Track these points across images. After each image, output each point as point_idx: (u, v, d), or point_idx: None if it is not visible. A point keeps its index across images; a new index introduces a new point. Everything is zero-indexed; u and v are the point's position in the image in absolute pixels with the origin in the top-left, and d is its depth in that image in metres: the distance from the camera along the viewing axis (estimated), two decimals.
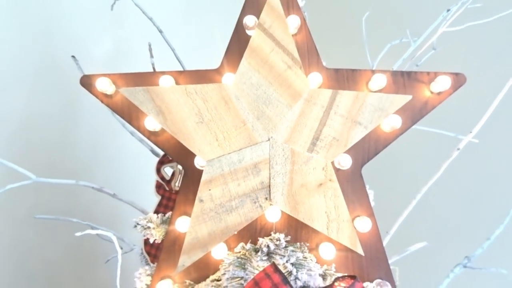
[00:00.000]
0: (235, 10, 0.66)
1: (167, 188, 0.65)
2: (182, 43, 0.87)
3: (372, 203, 0.62)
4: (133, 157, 0.89)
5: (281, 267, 0.51)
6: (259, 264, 0.52)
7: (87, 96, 0.79)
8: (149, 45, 0.78)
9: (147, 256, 0.63)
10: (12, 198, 0.78)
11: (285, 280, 0.46)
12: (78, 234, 0.53)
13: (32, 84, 0.96)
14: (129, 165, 0.98)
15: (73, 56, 0.87)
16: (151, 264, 0.61)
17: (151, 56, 0.79)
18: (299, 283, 0.51)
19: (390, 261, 0.59)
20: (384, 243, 0.65)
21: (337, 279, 0.50)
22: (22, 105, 0.93)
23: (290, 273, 0.51)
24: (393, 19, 0.97)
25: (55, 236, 0.97)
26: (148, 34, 0.83)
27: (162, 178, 0.65)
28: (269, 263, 0.50)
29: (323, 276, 0.53)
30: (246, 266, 0.53)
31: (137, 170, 0.90)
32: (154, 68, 0.78)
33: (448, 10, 0.74)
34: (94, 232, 0.53)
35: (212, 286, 0.53)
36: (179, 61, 0.76)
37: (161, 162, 0.66)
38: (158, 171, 0.66)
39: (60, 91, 1.00)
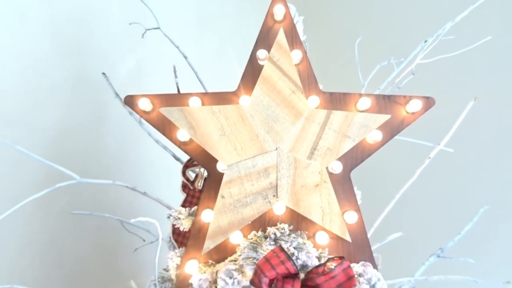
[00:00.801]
0: (245, 26, 0.80)
1: (191, 188, 0.78)
2: (196, 57, 1.01)
3: (359, 201, 0.76)
4: (156, 161, 1.03)
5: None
6: (268, 248, 0.66)
7: (114, 109, 0.92)
8: (174, 67, 0.92)
9: (175, 243, 0.76)
10: (50, 197, 0.91)
11: (289, 257, 0.60)
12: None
13: (67, 98, 1.10)
14: (152, 168, 1.12)
15: (103, 73, 1.01)
16: (178, 249, 0.75)
17: (176, 76, 0.93)
18: (299, 262, 0.65)
19: (373, 248, 0.73)
20: (369, 234, 0.78)
21: (329, 259, 0.64)
22: (60, 116, 1.08)
23: (293, 254, 0.65)
24: (381, 43, 1.11)
25: (86, 230, 1.11)
26: (167, 55, 0.97)
27: (187, 179, 0.79)
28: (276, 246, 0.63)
29: (319, 258, 0.67)
30: (257, 250, 0.66)
31: (160, 172, 1.03)
32: (178, 87, 0.92)
33: (425, 41, 0.89)
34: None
35: (230, 265, 0.66)
36: (201, 83, 0.90)
37: (186, 166, 0.80)
38: (184, 173, 0.80)
39: (91, 104, 1.15)
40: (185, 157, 0.88)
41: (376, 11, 1.41)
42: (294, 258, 0.64)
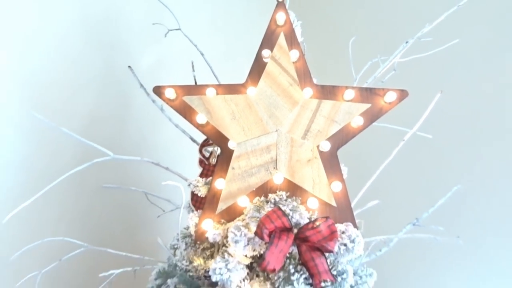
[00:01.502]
0: (252, 27, 0.95)
1: (206, 163, 0.95)
2: (210, 53, 1.17)
3: (345, 176, 0.92)
4: (175, 143, 1.19)
5: None
6: (268, 210, 0.82)
7: (138, 97, 1.08)
8: (192, 63, 1.08)
9: (193, 207, 0.93)
10: (84, 173, 1.06)
11: (285, 214, 0.76)
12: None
13: (99, 89, 1.27)
14: (172, 148, 1.28)
15: (129, 67, 1.18)
16: (196, 211, 0.92)
17: (193, 70, 1.10)
18: (294, 221, 0.81)
19: (355, 213, 0.89)
20: (353, 203, 0.94)
21: (316, 219, 0.80)
22: (93, 104, 1.25)
23: (288, 215, 0.81)
24: (371, 43, 1.26)
25: (114, 202, 1.28)
26: (183, 51, 1.13)
27: (203, 156, 0.96)
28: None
29: (309, 219, 0.83)
30: (260, 211, 0.83)
31: (179, 152, 1.20)
32: (195, 79, 1.09)
33: (406, 42, 1.04)
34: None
35: (238, 222, 0.83)
36: (215, 76, 1.06)
37: (202, 145, 0.97)
38: (200, 151, 0.96)
39: (118, 93, 1.31)
40: (200, 139, 1.05)
41: (368, 14, 1.58)
42: (289, 217, 0.80)
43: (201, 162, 0.96)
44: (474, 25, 1.32)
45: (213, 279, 0.79)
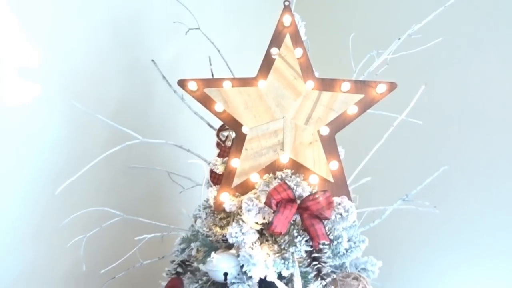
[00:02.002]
0: (262, 26, 1.09)
1: (223, 145, 1.10)
2: (224, 50, 1.31)
3: (342, 156, 1.06)
4: (194, 128, 1.34)
5: None
6: (276, 184, 0.98)
7: (160, 87, 1.24)
8: (209, 58, 1.23)
9: (211, 183, 1.09)
10: (113, 155, 1.22)
11: (290, 187, 0.92)
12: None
13: (125, 80, 1.43)
14: (191, 133, 1.43)
15: (152, 60, 1.33)
16: (214, 186, 1.07)
17: (210, 64, 1.25)
18: (297, 193, 0.96)
19: (350, 188, 1.04)
20: (349, 180, 1.10)
21: (316, 192, 0.95)
22: (120, 94, 1.41)
23: (292, 188, 0.96)
24: (370, 38, 1.39)
25: (139, 180, 1.45)
26: (199, 46, 1.27)
27: (220, 139, 1.11)
28: None
29: (310, 192, 0.99)
30: (269, 186, 0.98)
31: (197, 137, 1.35)
32: (212, 73, 1.24)
33: (398, 39, 1.17)
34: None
35: (250, 194, 0.98)
36: (230, 70, 1.21)
37: (219, 130, 1.12)
38: (218, 135, 1.12)
39: (142, 83, 1.47)
40: (216, 125, 1.20)
41: (366, 12, 1.73)
42: (293, 190, 0.96)
43: (218, 145, 1.12)
44: (458, 23, 1.45)
45: (230, 241, 0.95)
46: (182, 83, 1.04)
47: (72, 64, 1.31)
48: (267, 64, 1.02)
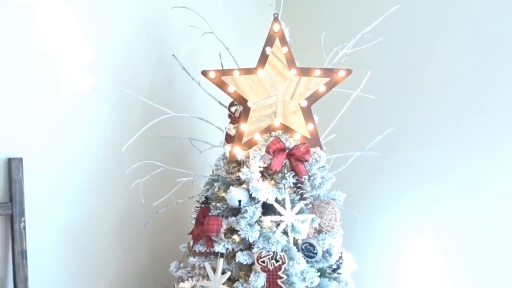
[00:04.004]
0: (260, 26, 1.56)
1: (233, 116, 1.57)
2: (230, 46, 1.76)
3: (316, 121, 1.54)
4: (206, 104, 1.80)
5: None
6: (272, 140, 1.45)
7: (180, 76, 1.70)
8: (219, 54, 1.68)
9: (226, 143, 1.55)
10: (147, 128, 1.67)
11: (281, 141, 1.39)
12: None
13: (152, 70, 1.87)
14: (205, 108, 1.88)
15: (173, 55, 1.78)
16: (228, 145, 1.54)
17: (220, 58, 1.70)
18: (287, 145, 1.43)
19: (322, 142, 1.52)
20: (322, 137, 1.58)
21: (299, 144, 1.43)
22: (150, 81, 1.85)
23: (283, 142, 1.44)
24: (337, 36, 1.85)
25: (167, 147, 1.91)
26: (208, 44, 1.72)
27: (231, 112, 1.58)
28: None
29: (295, 144, 1.46)
30: (267, 141, 1.45)
31: (210, 112, 1.80)
32: (222, 64, 1.69)
33: (354, 37, 1.64)
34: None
35: (255, 147, 1.45)
36: (236, 63, 1.66)
37: (230, 105, 1.58)
38: (229, 109, 1.58)
39: (165, 72, 1.92)
40: (226, 103, 1.65)
41: (333, 16, 2.24)
42: (284, 143, 1.43)
43: (229, 116, 1.58)
44: (398, 24, 1.95)
45: (242, 178, 1.42)
46: (204, 73, 1.50)
47: (115, 60, 1.75)
48: (263, 58, 1.48)
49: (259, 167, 1.44)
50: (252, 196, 1.38)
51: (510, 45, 1.72)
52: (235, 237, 1.40)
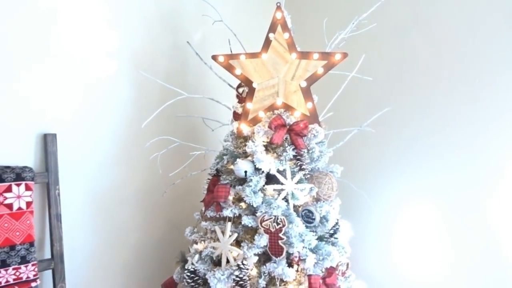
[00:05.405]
0: (264, 14, 1.72)
1: (240, 96, 1.74)
2: (237, 32, 1.92)
3: (316, 100, 1.69)
4: (217, 86, 1.97)
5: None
6: (274, 116, 1.61)
7: (193, 60, 1.88)
8: (229, 40, 1.85)
9: (233, 120, 1.73)
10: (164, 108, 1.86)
11: (282, 118, 1.56)
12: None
13: (169, 56, 2.05)
14: (216, 90, 2.05)
15: (187, 42, 1.95)
16: (236, 122, 1.71)
17: (229, 44, 1.86)
18: (288, 121, 1.59)
19: (320, 119, 1.67)
20: (320, 115, 1.73)
21: (298, 121, 1.59)
22: (166, 66, 2.04)
23: (284, 119, 1.60)
24: (337, 22, 1.99)
25: (181, 125, 2.10)
26: (220, 30, 1.88)
27: (238, 92, 1.74)
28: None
29: (295, 121, 1.62)
30: (270, 118, 1.62)
31: (221, 92, 1.98)
32: (231, 49, 1.85)
33: (352, 23, 1.77)
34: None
35: (260, 124, 1.62)
36: (243, 47, 1.82)
37: (238, 86, 1.75)
38: (237, 90, 1.75)
39: (180, 58, 2.10)
40: (235, 84, 1.82)
41: (336, 2, 2.35)
42: (285, 120, 1.60)
43: (237, 96, 1.75)
44: (391, 10, 2.07)
45: (247, 150, 1.59)
46: (214, 57, 1.67)
47: (135, 46, 1.94)
48: (267, 43, 1.64)
49: (263, 141, 1.62)
50: (257, 167, 1.56)
51: (500, 28, 1.82)
52: (242, 204, 1.58)
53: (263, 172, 1.57)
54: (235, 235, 1.57)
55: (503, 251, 1.82)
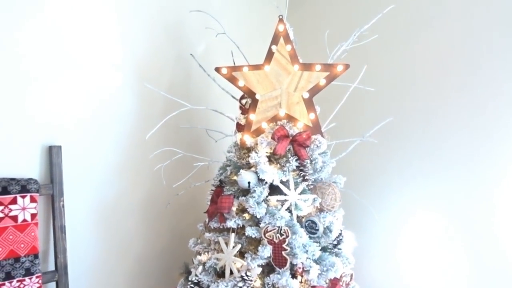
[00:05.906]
0: (266, 26, 1.74)
1: (244, 107, 1.75)
2: (238, 40, 1.94)
3: (318, 110, 1.70)
4: (220, 98, 1.99)
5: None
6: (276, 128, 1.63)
7: (196, 72, 1.90)
8: (232, 52, 1.87)
9: (237, 131, 1.74)
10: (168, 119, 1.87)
11: (285, 129, 1.57)
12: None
13: (172, 66, 2.08)
14: (220, 101, 2.07)
15: (191, 54, 1.98)
16: (239, 133, 1.72)
17: (232, 55, 1.89)
18: (290, 132, 1.60)
19: (323, 130, 1.68)
20: (323, 126, 1.74)
21: (301, 132, 1.60)
22: (170, 77, 2.06)
23: (287, 130, 1.61)
24: (339, 34, 2.01)
25: (185, 137, 2.11)
26: (221, 43, 1.91)
27: (242, 104, 1.76)
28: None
29: (298, 132, 1.63)
30: (273, 129, 1.63)
31: (224, 104, 2.00)
32: (233, 61, 1.88)
33: (354, 35, 1.79)
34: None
35: (263, 135, 1.63)
36: (246, 59, 1.84)
37: (241, 98, 1.77)
38: (240, 101, 1.77)
39: (184, 70, 2.12)
40: (238, 96, 1.84)
41: (337, 16, 2.38)
42: (288, 131, 1.61)
43: (240, 107, 1.77)
44: (392, 21, 2.10)
45: (251, 161, 1.60)
46: (217, 69, 1.69)
47: (140, 59, 1.97)
48: (269, 55, 1.66)
49: (266, 152, 1.62)
50: (260, 178, 1.56)
51: (500, 36, 1.84)
52: (245, 215, 1.59)
53: (266, 183, 1.57)
54: (239, 246, 1.57)
55: (510, 261, 1.81)
